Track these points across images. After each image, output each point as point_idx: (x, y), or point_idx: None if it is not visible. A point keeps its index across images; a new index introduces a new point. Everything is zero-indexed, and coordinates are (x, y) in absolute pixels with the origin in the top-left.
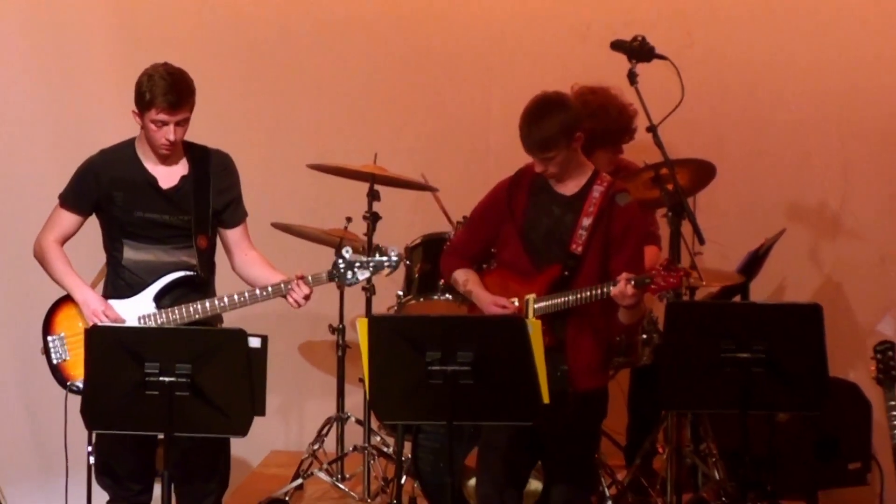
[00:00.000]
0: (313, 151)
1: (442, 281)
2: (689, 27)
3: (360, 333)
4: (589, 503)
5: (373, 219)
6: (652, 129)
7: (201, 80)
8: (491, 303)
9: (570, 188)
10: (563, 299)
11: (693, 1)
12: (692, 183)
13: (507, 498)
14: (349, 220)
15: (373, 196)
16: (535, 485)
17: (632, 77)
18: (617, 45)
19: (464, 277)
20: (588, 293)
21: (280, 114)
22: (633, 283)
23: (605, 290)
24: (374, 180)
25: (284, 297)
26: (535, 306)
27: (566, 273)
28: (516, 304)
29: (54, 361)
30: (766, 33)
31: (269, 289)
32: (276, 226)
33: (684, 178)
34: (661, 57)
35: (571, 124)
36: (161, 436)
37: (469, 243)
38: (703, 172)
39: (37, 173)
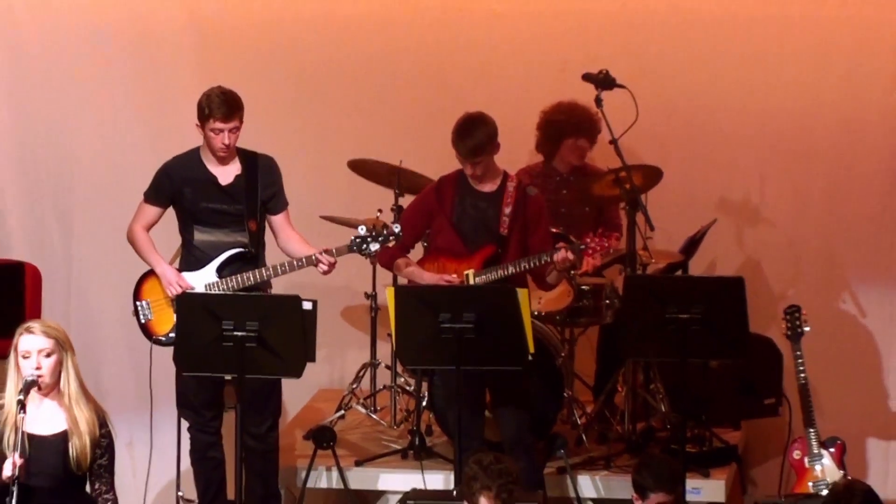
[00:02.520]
0: (351, 157)
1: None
2: (643, 62)
3: (389, 299)
4: (527, 419)
5: (398, 210)
6: (613, 141)
7: (262, 98)
8: (438, 279)
9: (488, 187)
10: (503, 269)
11: (646, 41)
12: (644, 183)
13: (470, 416)
14: (380, 211)
15: (398, 193)
16: None
17: (598, 102)
18: (586, 77)
19: (405, 263)
20: (527, 263)
21: (324, 127)
22: (570, 250)
23: (545, 258)
24: (400, 180)
25: (315, 265)
26: (476, 278)
27: (498, 251)
28: (456, 278)
29: (142, 321)
30: (703, 66)
31: (304, 259)
32: (323, 217)
33: (638, 179)
34: (621, 86)
35: (493, 135)
36: (227, 377)
37: (409, 236)
38: (652, 175)
39: (133, 173)
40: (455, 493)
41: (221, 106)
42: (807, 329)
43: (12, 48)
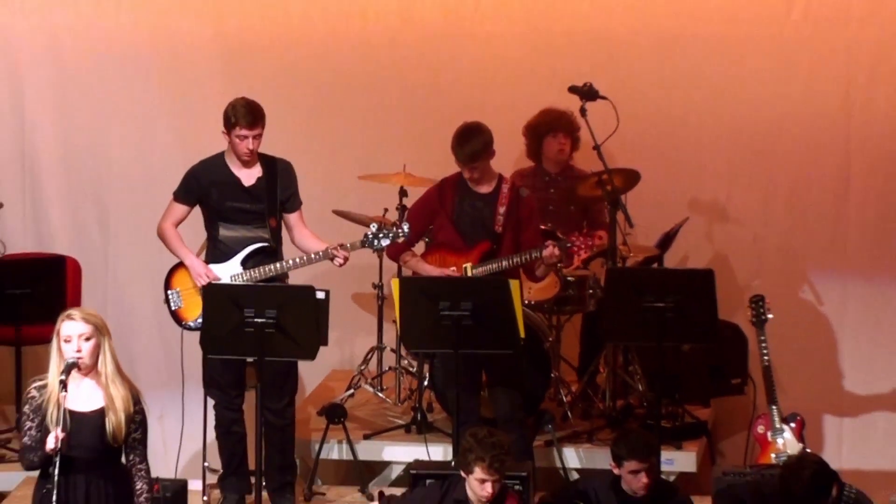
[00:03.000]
0: (362, 161)
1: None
2: (624, 76)
3: (394, 289)
4: (518, 397)
5: (402, 209)
6: (596, 147)
7: (280, 108)
8: (439, 272)
9: (485, 189)
10: (498, 264)
11: (627, 57)
12: (624, 184)
13: (467, 395)
14: (385, 210)
15: (402, 194)
16: None
17: (583, 111)
18: (572, 89)
19: (410, 258)
20: (519, 258)
21: (335, 133)
22: (557, 247)
23: (535, 254)
24: (403, 183)
25: (331, 259)
26: (474, 271)
27: (494, 246)
28: (455, 270)
29: (172, 308)
30: (678, 80)
31: (321, 253)
32: (335, 212)
33: (619, 181)
34: (603, 97)
35: (489, 142)
36: (249, 359)
37: (414, 232)
38: (631, 177)
39: (164, 175)
40: (453, 463)
41: (246, 115)
42: (770, 316)
43: (56, 64)
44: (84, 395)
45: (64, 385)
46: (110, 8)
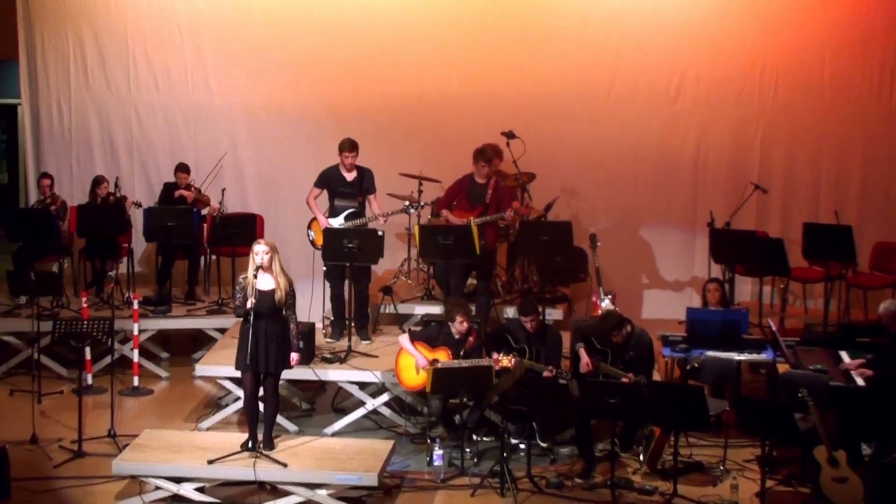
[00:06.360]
0: (400, 167)
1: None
2: (533, 123)
3: (415, 232)
4: (488, 284)
5: (419, 192)
6: (514, 161)
7: (363, 143)
8: (457, 220)
9: (482, 180)
10: (484, 218)
11: (531, 114)
12: (528, 180)
13: (458, 281)
14: (412, 192)
15: (419, 184)
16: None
17: (507, 144)
18: (503, 133)
19: (446, 213)
20: (495, 216)
21: (388, 155)
22: (513, 212)
23: (502, 214)
24: (421, 178)
25: (379, 217)
26: (474, 221)
27: (483, 209)
28: (465, 220)
29: (310, 238)
30: (555, 126)
31: (382, 214)
32: (389, 195)
33: (525, 178)
34: (518, 137)
35: (497, 152)
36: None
37: (447, 201)
38: (531, 176)
39: (304, 177)
40: (444, 315)
41: (350, 147)
42: (599, 244)
43: (252, 121)
44: (265, 282)
45: (255, 276)
46: (277, 92)
